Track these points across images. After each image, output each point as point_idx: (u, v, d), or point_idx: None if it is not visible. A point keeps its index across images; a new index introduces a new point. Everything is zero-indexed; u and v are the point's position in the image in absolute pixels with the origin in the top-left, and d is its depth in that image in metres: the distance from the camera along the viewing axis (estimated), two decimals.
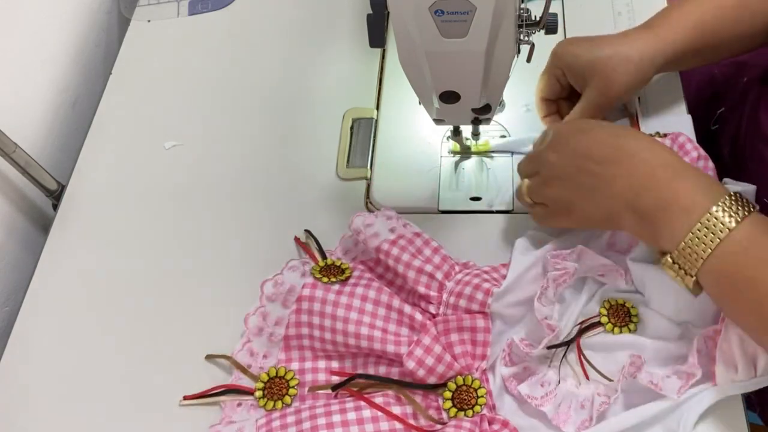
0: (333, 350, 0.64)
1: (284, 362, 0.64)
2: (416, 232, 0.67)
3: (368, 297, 0.63)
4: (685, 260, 0.53)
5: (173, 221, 0.76)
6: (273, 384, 0.63)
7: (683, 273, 0.54)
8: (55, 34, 0.88)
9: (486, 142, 0.76)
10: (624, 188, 0.56)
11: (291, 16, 0.91)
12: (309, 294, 0.64)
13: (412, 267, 0.64)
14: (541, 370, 0.61)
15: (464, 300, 0.62)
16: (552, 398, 0.59)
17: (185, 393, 0.65)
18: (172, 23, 0.92)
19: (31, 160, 0.78)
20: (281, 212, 0.75)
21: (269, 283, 0.66)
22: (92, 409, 0.66)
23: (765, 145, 0.72)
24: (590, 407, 0.58)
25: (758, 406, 0.83)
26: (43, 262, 0.75)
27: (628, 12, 0.83)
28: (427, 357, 0.60)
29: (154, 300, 0.71)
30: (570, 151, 0.60)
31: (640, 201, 0.55)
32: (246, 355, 0.65)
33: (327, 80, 0.85)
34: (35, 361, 0.69)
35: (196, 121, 0.83)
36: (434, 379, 0.60)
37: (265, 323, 0.65)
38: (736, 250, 0.52)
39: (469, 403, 0.59)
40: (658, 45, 0.66)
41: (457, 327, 0.62)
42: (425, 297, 0.64)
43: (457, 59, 0.58)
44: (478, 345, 0.62)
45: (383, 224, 0.67)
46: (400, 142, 0.78)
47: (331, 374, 0.64)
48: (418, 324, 0.62)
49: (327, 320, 0.62)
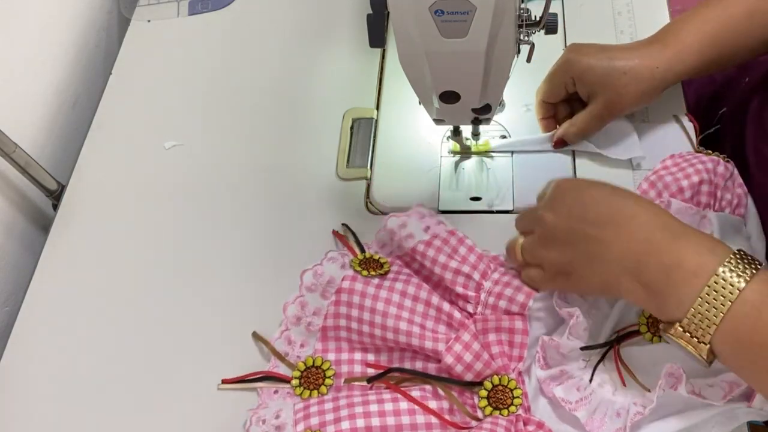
0: (370, 343, 0.64)
1: (321, 352, 0.65)
2: (450, 230, 0.67)
3: (407, 293, 0.63)
4: (697, 327, 0.50)
5: (173, 221, 0.76)
6: (309, 373, 0.63)
7: (695, 341, 0.51)
8: (55, 34, 0.88)
9: (486, 142, 0.76)
10: (622, 254, 0.54)
11: (291, 16, 0.91)
12: (349, 287, 0.64)
13: (449, 269, 0.64)
14: (577, 374, 0.60)
15: (504, 301, 0.62)
16: (587, 403, 0.58)
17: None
18: (172, 23, 0.92)
19: (31, 160, 0.78)
20: (281, 212, 0.75)
21: (309, 273, 0.66)
22: (92, 409, 0.66)
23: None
24: (625, 416, 0.57)
25: None
26: (43, 262, 0.75)
27: (628, 12, 0.83)
28: (466, 353, 0.60)
29: (154, 300, 0.71)
30: (566, 210, 0.58)
31: (642, 268, 0.53)
32: (284, 343, 0.66)
33: (327, 80, 0.85)
34: (35, 361, 0.69)
35: (196, 121, 0.83)
36: (471, 377, 0.61)
37: (304, 312, 0.66)
38: (748, 311, 0.49)
39: (504, 402, 0.60)
40: (670, 63, 0.66)
41: (495, 327, 0.62)
42: (463, 297, 0.64)
43: (457, 59, 0.58)
44: (515, 346, 0.62)
45: (417, 224, 0.67)
46: (400, 142, 0.78)
47: (366, 366, 0.64)
48: (457, 322, 0.62)
49: (366, 313, 0.63)
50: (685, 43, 0.66)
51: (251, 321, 0.68)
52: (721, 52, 0.67)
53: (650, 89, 0.67)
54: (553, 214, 0.58)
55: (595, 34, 0.70)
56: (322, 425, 0.58)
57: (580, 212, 0.56)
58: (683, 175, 0.66)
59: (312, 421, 0.58)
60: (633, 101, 0.67)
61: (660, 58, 0.66)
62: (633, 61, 0.66)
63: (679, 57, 0.66)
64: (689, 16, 0.68)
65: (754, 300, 0.49)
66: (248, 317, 0.68)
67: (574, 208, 0.57)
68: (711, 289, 0.50)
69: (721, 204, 0.66)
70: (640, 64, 0.66)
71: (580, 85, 0.69)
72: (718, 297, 0.49)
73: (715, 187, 0.66)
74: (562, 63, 0.70)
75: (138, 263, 0.74)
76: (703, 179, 0.66)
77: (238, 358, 0.66)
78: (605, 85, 0.67)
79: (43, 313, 0.71)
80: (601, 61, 0.67)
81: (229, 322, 0.68)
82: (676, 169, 0.67)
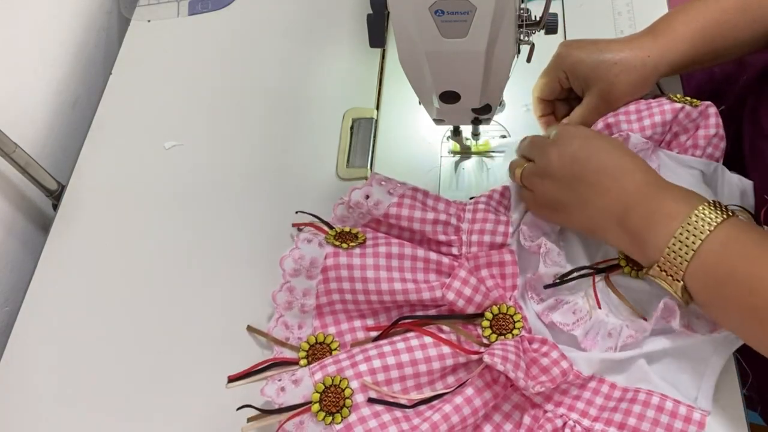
0: (367, 309, 0.65)
1: (321, 328, 0.65)
2: (412, 187, 0.68)
3: (392, 253, 0.64)
4: (671, 265, 0.55)
5: (173, 221, 0.76)
6: (315, 350, 0.64)
7: (671, 279, 0.56)
8: (55, 34, 0.89)
9: (486, 142, 0.76)
10: (614, 203, 0.59)
11: (291, 16, 0.91)
12: (333, 263, 0.64)
13: (427, 221, 0.66)
14: (571, 299, 0.63)
15: (488, 235, 0.65)
16: (583, 324, 0.62)
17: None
18: (172, 23, 0.92)
19: (31, 160, 0.78)
20: (281, 212, 0.75)
21: (288, 259, 0.66)
22: (92, 408, 0.66)
23: (765, 143, 0.73)
24: (617, 337, 0.60)
25: (759, 405, 0.83)
26: (43, 262, 0.75)
27: (628, 12, 0.83)
28: (465, 288, 0.62)
29: (153, 299, 0.71)
30: (570, 153, 0.61)
31: (628, 215, 0.58)
32: (281, 329, 0.66)
33: (327, 80, 0.85)
34: (35, 361, 0.69)
35: (196, 121, 0.83)
36: (473, 309, 0.62)
37: (293, 296, 0.66)
38: (716, 248, 0.54)
39: (507, 328, 0.62)
40: (661, 52, 0.66)
41: (486, 263, 0.65)
42: (446, 243, 0.66)
43: (457, 59, 0.58)
44: (508, 277, 0.65)
45: (380, 190, 0.68)
46: (400, 142, 0.78)
47: (368, 331, 0.65)
48: (446, 267, 0.64)
49: (358, 284, 0.63)
50: (677, 32, 0.67)
51: (252, 320, 0.67)
52: (714, 44, 0.68)
53: (642, 79, 0.67)
54: (558, 154, 0.62)
55: (595, 35, 0.70)
56: (340, 371, 0.59)
57: (585, 158, 0.60)
58: (638, 127, 0.68)
59: (329, 370, 0.59)
60: (626, 91, 0.68)
61: (651, 48, 0.66)
62: (624, 53, 0.67)
63: (670, 46, 0.67)
64: (682, 9, 0.69)
65: (721, 238, 0.54)
66: (249, 316, 0.68)
67: (579, 152, 0.61)
68: (684, 229, 0.54)
69: (670, 145, 0.69)
70: (631, 55, 0.66)
71: (573, 79, 0.69)
72: (690, 236, 0.54)
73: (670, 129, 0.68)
74: (553, 58, 0.70)
75: (138, 263, 0.74)
76: (655, 123, 0.67)
77: (240, 355, 0.66)
78: (597, 77, 0.67)
79: (43, 313, 0.72)
80: (592, 54, 0.67)
81: (229, 322, 0.68)
82: (636, 117, 0.68)
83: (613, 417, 0.57)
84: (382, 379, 0.59)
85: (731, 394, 0.59)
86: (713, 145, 0.68)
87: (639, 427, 0.56)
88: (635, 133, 0.67)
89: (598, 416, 0.58)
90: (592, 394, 0.59)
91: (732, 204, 0.65)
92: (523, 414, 0.59)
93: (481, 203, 0.68)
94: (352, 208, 0.68)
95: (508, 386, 0.59)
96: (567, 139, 0.62)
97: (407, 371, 0.59)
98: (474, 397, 0.57)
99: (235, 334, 0.67)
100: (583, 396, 0.59)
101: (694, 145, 0.68)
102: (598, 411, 0.58)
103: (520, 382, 0.56)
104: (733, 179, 0.68)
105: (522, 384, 0.56)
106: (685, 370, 0.59)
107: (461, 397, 0.57)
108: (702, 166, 0.69)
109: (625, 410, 0.57)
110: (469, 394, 0.57)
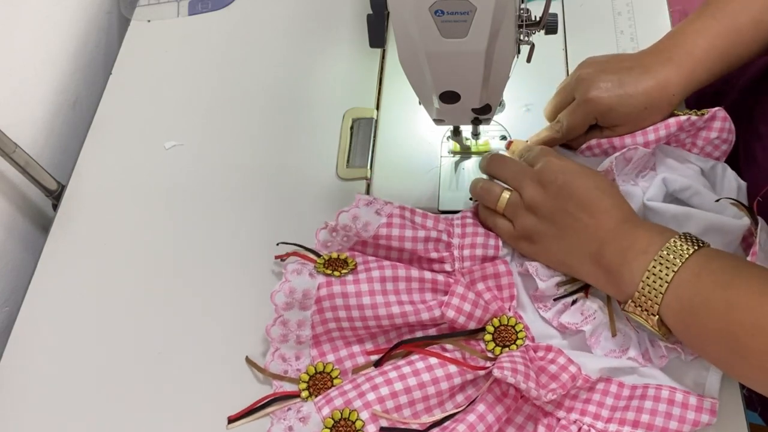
0: (365, 333, 0.64)
1: (319, 357, 0.64)
2: (399, 206, 0.67)
3: (386, 276, 0.64)
4: (646, 299, 0.56)
5: (173, 221, 0.76)
6: (316, 380, 0.63)
7: (646, 314, 0.56)
8: (55, 34, 0.88)
9: (486, 142, 0.76)
10: (590, 239, 0.60)
11: (291, 16, 0.91)
12: (327, 293, 0.63)
13: (419, 239, 0.65)
14: (579, 300, 0.63)
15: (480, 249, 0.65)
16: (590, 321, 0.62)
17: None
18: (172, 23, 0.92)
19: (31, 160, 0.78)
20: (281, 212, 0.75)
21: (279, 294, 0.64)
22: (92, 409, 0.66)
23: (758, 143, 0.73)
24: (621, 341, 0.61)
25: (759, 405, 0.83)
26: (43, 262, 0.75)
27: (628, 12, 0.83)
28: (464, 303, 0.62)
29: (153, 299, 0.71)
30: (556, 188, 0.61)
31: (603, 252, 0.59)
32: (279, 362, 0.65)
33: (327, 80, 0.85)
34: (35, 361, 0.69)
35: (196, 121, 0.83)
36: (474, 324, 0.62)
37: (287, 329, 0.64)
38: (689, 278, 0.54)
39: (510, 339, 0.62)
40: (684, 84, 0.66)
41: (481, 276, 0.65)
42: (439, 260, 0.66)
43: (457, 59, 0.58)
44: (504, 288, 0.65)
45: (367, 211, 0.67)
46: (400, 142, 0.78)
47: (368, 355, 0.64)
48: (442, 284, 0.64)
49: (354, 311, 0.63)
50: (696, 58, 0.66)
51: (251, 320, 0.67)
52: (730, 63, 0.68)
53: (667, 113, 0.67)
54: (543, 190, 0.62)
55: (595, 34, 0.70)
56: (348, 403, 0.58)
57: (569, 192, 0.61)
58: (643, 142, 0.67)
59: (336, 403, 0.59)
60: (647, 126, 0.68)
61: (677, 83, 0.66)
62: (652, 94, 0.65)
63: (692, 77, 0.66)
64: (698, 29, 0.67)
65: (693, 268, 0.54)
66: (248, 317, 0.68)
67: (562, 190, 0.61)
68: (657, 262, 0.55)
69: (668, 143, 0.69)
70: (658, 96, 0.65)
71: (602, 121, 0.68)
72: (663, 269, 0.55)
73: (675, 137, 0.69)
74: (582, 103, 0.67)
75: (138, 263, 0.74)
76: (660, 137, 0.67)
77: (239, 355, 0.66)
78: (628, 121, 0.67)
79: (43, 313, 0.71)
80: (622, 99, 0.66)
81: (229, 322, 0.68)
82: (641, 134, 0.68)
83: (626, 416, 0.57)
84: (391, 407, 0.58)
85: (731, 394, 0.59)
86: (713, 146, 0.68)
87: (653, 422, 0.56)
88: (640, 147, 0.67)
89: (611, 417, 0.58)
90: (601, 396, 0.59)
91: (730, 198, 0.65)
92: (537, 424, 0.59)
93: (468, 217, 0.68)
94: (338, 231, 0.67)
95: (519, 398, 0.59)
96: (551, 174, 0.62)
97: (416, 395, 0.59)
98: (486, 413, 0.57)
99: (235, 334, 0.67)
100: (593, 399, 0.59)
101: (693, 143, 0.69)
102: (610, 412, 0.58)
103: (531, 392, 0.56)
104: (732, 176, 0.68)
105: (534, 394, 0.56)
106: (690, 364, 0.59)
107: (474, 414, 0.57)
108: (700, 163, 0.69)
109: (636, 408, 0.57)
110: (481, 410, 0.57)
